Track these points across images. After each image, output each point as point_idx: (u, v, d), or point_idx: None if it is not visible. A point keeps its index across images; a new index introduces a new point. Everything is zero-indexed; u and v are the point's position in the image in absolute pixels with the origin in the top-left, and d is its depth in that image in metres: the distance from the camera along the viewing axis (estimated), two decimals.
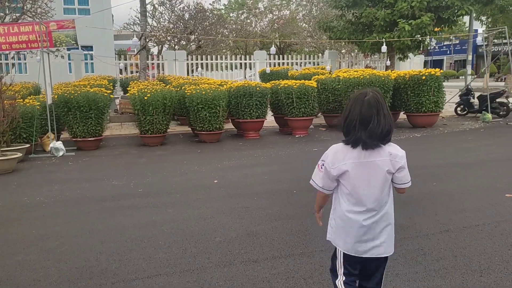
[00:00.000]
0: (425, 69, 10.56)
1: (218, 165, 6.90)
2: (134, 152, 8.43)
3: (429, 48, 18.89)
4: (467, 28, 18.08)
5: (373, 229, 2.11)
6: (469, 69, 15.12)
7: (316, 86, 10.20)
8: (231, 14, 32.03)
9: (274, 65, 17.18)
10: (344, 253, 2.17)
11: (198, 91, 9.23)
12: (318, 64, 17.77)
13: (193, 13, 18.81)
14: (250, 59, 17.35)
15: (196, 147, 8.89)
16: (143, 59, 13.25)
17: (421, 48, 16.25)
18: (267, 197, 5.03)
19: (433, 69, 10.43)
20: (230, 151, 8.22)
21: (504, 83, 25.84)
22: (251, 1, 30.34)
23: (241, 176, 6.08)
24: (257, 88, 9.73)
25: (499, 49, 48.64)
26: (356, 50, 24.51)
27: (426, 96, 10.39)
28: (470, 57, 14.97)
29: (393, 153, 2.08)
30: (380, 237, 2.12)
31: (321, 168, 2.17)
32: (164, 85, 11.69)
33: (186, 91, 9.52)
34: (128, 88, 10.23)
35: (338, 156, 2.11)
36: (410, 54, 16.67)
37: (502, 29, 13.42)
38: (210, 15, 20.85)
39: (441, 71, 10.44)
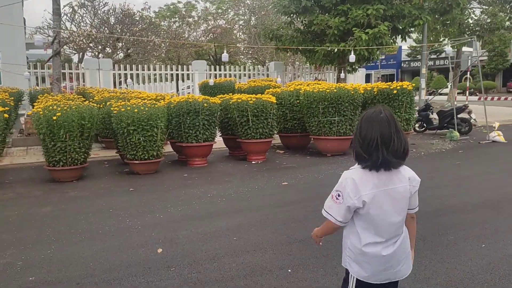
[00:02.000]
0: (394, 82, 9.30)
1: (160, 216, 4.83)
2: (36, 194, 6.05)
3: (377, 60, 18.17)
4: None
5: (393, 257, 1.99)
6: (423, 83, 14.39)
7: (275, 101, 8.46)
8: (162, 23, 29.69)
9: (215, 77, 15.29)
10: (357, 279, 2.01)
11: (129, 108, 7.08)
12: (265, 76, 16.17)
13: (119, 17, 16.44)
14: (185, 70, 15.28)
15: (127, 182, 6.70)
16: (56, 68, 10.71)
17: (370, 60, 15.27)
18: (246, 283, 3.11)
19: (404, 82, 9.18)
20: (174, 189, 6.16)
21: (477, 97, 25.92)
22: (184, 9, 28.28)
23: (197, 239, 4.08)
24: (205, 104, 7.79)
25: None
26: (297, 62, 23.42)
27: (397, 113, 9.09)
28: (424, 70, 14.24)
29: (411, 178, 1.99)
30: (400, 263, 2.01)
31: (337, 199, 1.97)
32: (83, 99, 9.34)
33: (112, 108, 7.32)
34: (35, 104, 7.80)
35: (358, 184, 1.92)
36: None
37: (471, 39, 12.72)
38: (140, 20, 18.51)
39: (413, 84, 9.22)
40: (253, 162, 8.26)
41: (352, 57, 11.31)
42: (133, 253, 3.74)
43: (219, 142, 9.36)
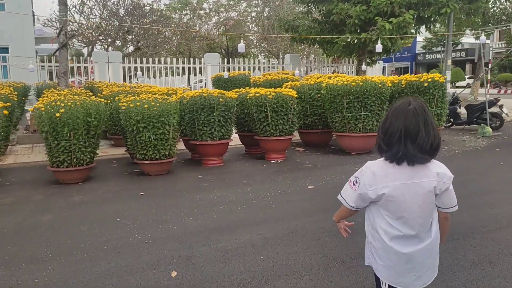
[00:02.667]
0: (425, 74, 8.57)
1: (173, 227, 4.24)
2: (37, 199, 5.51)
3: (399, 51, 17.32)
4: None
5: (417, 258, 1.91)
6: (448, 75, 13.58)
7: (296, 96, 7.82)
8: (173, 15, 29.11)
9: (229, 70, 14.66)
10: (389, 285, 1.95)
11: (138, 104, 6.49)
12: (280, 69, 15.49)
13: (129, 9, 15.88)
14: (197, 63, 14.66)
15: (137, 185, 6.14)
16: (63, 61, 10.19)
17: (392, 52, 14.51)
18: None
19: (435, 73, 8.46)
20: (188, 193, 5.57)
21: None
22: (195, 0, 27.64)
23: (217, 258, 3.49)
24: (220, 99, 7.17)
25: (437, 57, 49.74)
26: (312, 55, 22.67)
27: (429, 105, 8.37)
28: (449, 62, 13.43)
29: (440, 173, 1.86)
30: (424, 267, 1.93)
31: (354, 185, 1.96)
32: (91, 94, 8.80)
33: (120, 104, 6.75)
34: (40, 99, 7.27)
35: (377, 176, 1.87)
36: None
37: (507, 27, 11.90)
38: (150, 11, 17.92)
39: (445, 76, 8.50)
40: (272, 161, 7.65)
41: (379, 47, 10.58)
42: (142, 277, 3.16)
43: (234, 139, 8.75)
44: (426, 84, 8.22)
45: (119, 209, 4.89)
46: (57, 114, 5.88)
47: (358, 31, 12.52)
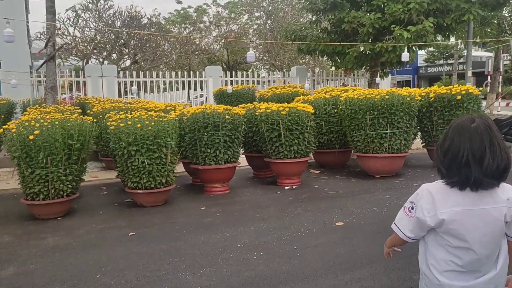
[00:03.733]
0: (457, 85, 7.59)
1: None
2: (4, 242, 4.45)
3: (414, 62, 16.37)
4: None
5: None
6: None
7: (312, 111, 6.82)
8: (172, 29, 28.35)
9: (232, 84, 13.71)
10: None
11: (130, 123, 5.48)
12: (286, 83, 14.54)
13: (126, 21, 15.03)
14: (198, 77, 13.71)
15: (127, 220, 5.09)
16: (50, 75, 9.22)
17: (403, 64, 13.57)
18: None
19: (468, 85, 7.48)
20: (190, 233, 4.51)
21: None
22: (195, 14, 26.89)
23: None
24: (226, 116, 6.17)
25: (439, 70, 49.03)
26: (317, 68, 21.78)
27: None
28: (470, 73, 12.50)
29: (510, 199, 1.65)
30: None
31: (410, 212, 1.77)
32: (79, 111, 7.83)
33: (108, 123, 5.74)
34: (21, 117, 6.25)
35: (436, 200, 1.69)
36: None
37: None
38: (148, 24, 17.05)
39: (481, 88, 7.50)
40: (286, 187, 6.61)
41: (405, 56, 9.60)
42: None
43: (241, 160, 7.75)
44: (459, 97, 7.23)
45: (101, 259, 3.83)
46: (31, 137, 4.87)
47: (370, 41, 11.59)
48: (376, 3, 11.20)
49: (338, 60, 13.03)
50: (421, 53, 47.16)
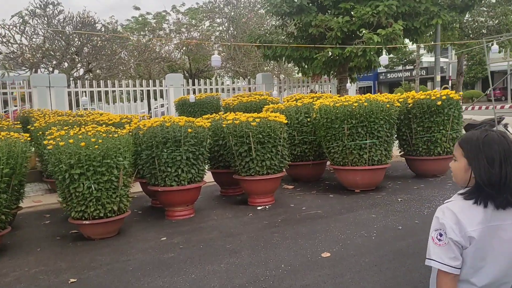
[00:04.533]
0: (435, 90, 7.14)
1: None
2: None
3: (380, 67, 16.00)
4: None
5: None
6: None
7: (286, 121, 6.13)
8: (131, 37, 27.18)
9: (195, 92, 12.89)
10: None
11: (72, 141, 4.58)
12: (251, 90, 13.85)
13: (78, 26, 13.91)
14: (158, 85, 12.80)
15: (69, 260, 4.18)
16: None
17: (372, 68, 13.24)
18: None
19: (448, 90, 7.03)
20: (144, 276, 3.67)
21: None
22: (154, 21, 25.88)
23: None
24: (189, 130, 5.37)
25: (399, 76, 50.07)
26: (282, 75, 21.27)
27: (442, 131, 6.91)
28: (438, 78, 12.27)
29: None
30: None
31: (441, 240, 1.59)
32: (18, 127, 6.82)
33: (46, 142, 4.80)
34: None
35: (462, 219, 1.58)
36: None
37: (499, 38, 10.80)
38: (103, 29, 15.94)
39: (460, 93, 7.07)
40: (258, 207, 5.87)
41: (384, 59, 9.10)
42: None
43: (206, 176, 6.97)
44: (439, 103, 6.76)
45: None
46: None
47: (338, 45, 11.10)
48: (344, 6, 10.74)
49: (305, 66, 12.50)
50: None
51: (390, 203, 5.68)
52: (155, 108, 21.99)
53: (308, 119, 7.24)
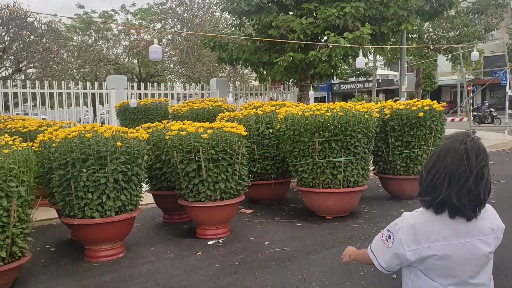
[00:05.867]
0: (416, 99, 6.25)
1: None
2: None
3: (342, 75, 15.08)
4: None
5: None
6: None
7: (245, 133, 4.94)
8: (75, 38, 25.08)
9: (140, 97, 11.46)
10: None
11: None
12: (204, 96, 12.56)
13: (4, 19, 12.05)
14: (97, 88, 11.25)
15: None
16: None
17: (334, 76, 12.43)
18: None
19: (428, 100, 6.15)
20: None
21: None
22: (100, 20, 24.00)
23: None
24: (118, 143, 4.05)
25: (352, 87, 50.62)
26: (238, 82, 20.17)
27: (423, 145, 6.01)
28: (404, 88, 11.62)
29: (495, 228, 1.57)
30: None
31: (387, 241, 1.62)
32: None
33: None
34: None
35: (420, 233, 1.54)
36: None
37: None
38: (37, 24, 14.09)
39: (444, 103, 6.22)
40: (209, 241, 4.63)
41: (360, 61, 8.11)
42: None
43: (146, 197, 5.66)
44: (421, 114, 5.85)
45: None
46: None
47: (300, 50, 10.13)
48: (307, 6, 9.80)
49: (264, 71, 11.44)
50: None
51: (371, 235, 4.63)
52: (101, 114, 20.04)
53: (270, 131, 6.13)
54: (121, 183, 4.06)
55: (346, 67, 11.43)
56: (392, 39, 10.84)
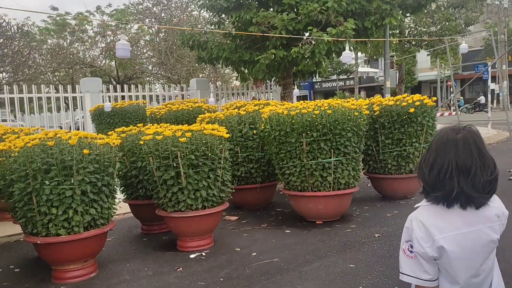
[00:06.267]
0: (406, 94, 5.97)
1: None
2: None
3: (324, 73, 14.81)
4: None
5: None
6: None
7: (227, 135, 4.56)
8: (49, 41, 24.26)
9: (116, 100, 10.95)
10: None
11: None
12: (183, 98, 12.11)
13: None
14: (71, 91, 10.71)
15: None
16: None
17: (316, 74, 12.15)
18: None
19: (418, 95, 5.87)
20: None
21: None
22: (75, 22, 23.25)
23: None
24: (85, 151, 3.63)
25: (333, 85, 50.64)
26: (219, 82, 19.75)
27: (415, 143, 5.73)
28: (388, 84, 11.39)
29: (500, 215, 1.56)
30: None
31: (412, 252, 1.54)
32: None
33: None
34: None
35: (430, 227, 1.50)
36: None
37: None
38: (8, 27, 13.39)
39: (434, 98, 5.95)
40: (191, 254, 4.24)
41: (347, 55, 7.78)
42: None
43: (123, 205, 5.26)
44: (412, 110, 5.57)
45: None
46: None
47: (282, 47, 9.79)
48: (288, 2, 9.45)
49: (246, 70, 11.06)
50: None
51: (366, 241, 4.32)
52: (77, 119, 19.42)
53: (254, 131, 5.77)
54: (89, 195, 3.64)
55: (328, 64, 11.10)
56: (375, 35, 10.58)
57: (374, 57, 17.84)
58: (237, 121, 5.84)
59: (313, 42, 9.04)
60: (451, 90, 35.78)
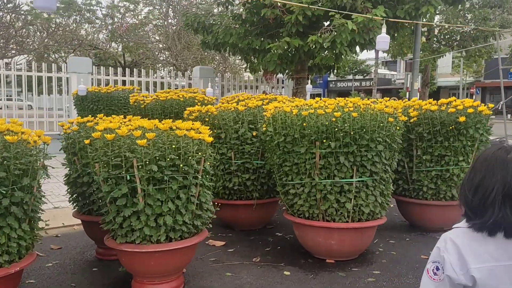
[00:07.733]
0: (454, 98, 4.62)
1: None
2: None
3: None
4: None
5: None
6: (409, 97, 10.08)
7: (210, 139, 3.27)
8: (57, 20, 23.16)
9: (113, 84, 9.72)
10: None
11: None
12: (186, 86, 10.86)
13: None
14: (54, 71, 9.49)
15: None
16: None
17: (334, 69, 10.78)
18: None
19: (469, 100, 4.51)
20: None
21: None
22: (81, 1, 22.13)
23: None
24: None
25: (348, 85, 49.04)
26: (228, 73, 18.44)
27: (462, 161, 4.39)
28: (416, 85, 9.98)
29: None
30: None
31: (436, 275, 1.34)
32: None
33: None
34: None
35: (465, 253, 1.29)
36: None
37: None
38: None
39: (491, 105, 4.59)
40: None
41: (383, 40, 6.34)
42: None
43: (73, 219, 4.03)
44: (463, 119, 4.22)
45: None
46: None
47: (297, 35, 8.43)
48: None
49: (255, 60, 9.75)
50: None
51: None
52: (67, 106, 18.41)
53: (254, 133, 4.49)
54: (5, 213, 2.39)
55: (352, 56, 9.72)
56: (406, 27, 9.14)
57: (398, 57, 16.34)
58: (234, 118, 4.56)
59: (334, 32, 7.68)
60: (474, 97, 34.03)
